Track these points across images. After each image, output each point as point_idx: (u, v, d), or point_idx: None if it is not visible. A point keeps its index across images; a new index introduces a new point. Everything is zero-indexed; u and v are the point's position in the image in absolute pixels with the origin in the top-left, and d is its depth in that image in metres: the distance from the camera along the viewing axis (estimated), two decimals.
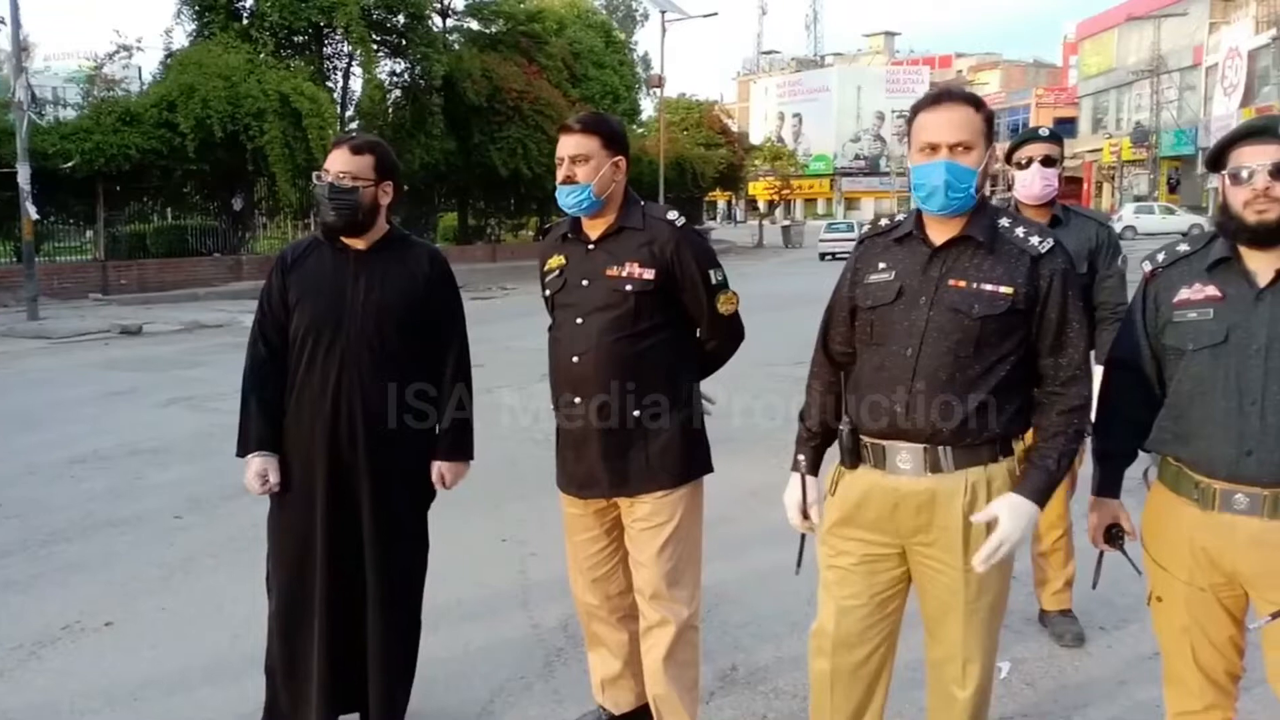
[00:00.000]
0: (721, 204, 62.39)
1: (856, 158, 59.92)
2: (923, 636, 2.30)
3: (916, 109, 2.10)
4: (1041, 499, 2.07)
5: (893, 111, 58.88)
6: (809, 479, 2.33)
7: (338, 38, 23.41)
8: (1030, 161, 3.33)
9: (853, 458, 2.19)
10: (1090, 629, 3.58)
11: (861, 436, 2.17)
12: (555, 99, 26.34)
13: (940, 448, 2.07)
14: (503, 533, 4.76)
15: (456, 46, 26.64)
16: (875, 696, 2.28)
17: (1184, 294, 2.08)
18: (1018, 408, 2.10)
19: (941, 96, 2.07)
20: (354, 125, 24.37)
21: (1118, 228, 31.78)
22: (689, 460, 2.56)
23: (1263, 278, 1.99)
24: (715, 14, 31.97)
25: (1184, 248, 2.16)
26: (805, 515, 2.33)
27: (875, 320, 2.14)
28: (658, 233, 2.53)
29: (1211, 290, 2.04)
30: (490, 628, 3.71)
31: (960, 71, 67.07)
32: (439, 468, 2.72)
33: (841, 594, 2.23)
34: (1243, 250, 2.02)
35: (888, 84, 59.99)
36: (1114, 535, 2.23)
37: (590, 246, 2.57)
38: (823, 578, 2.29)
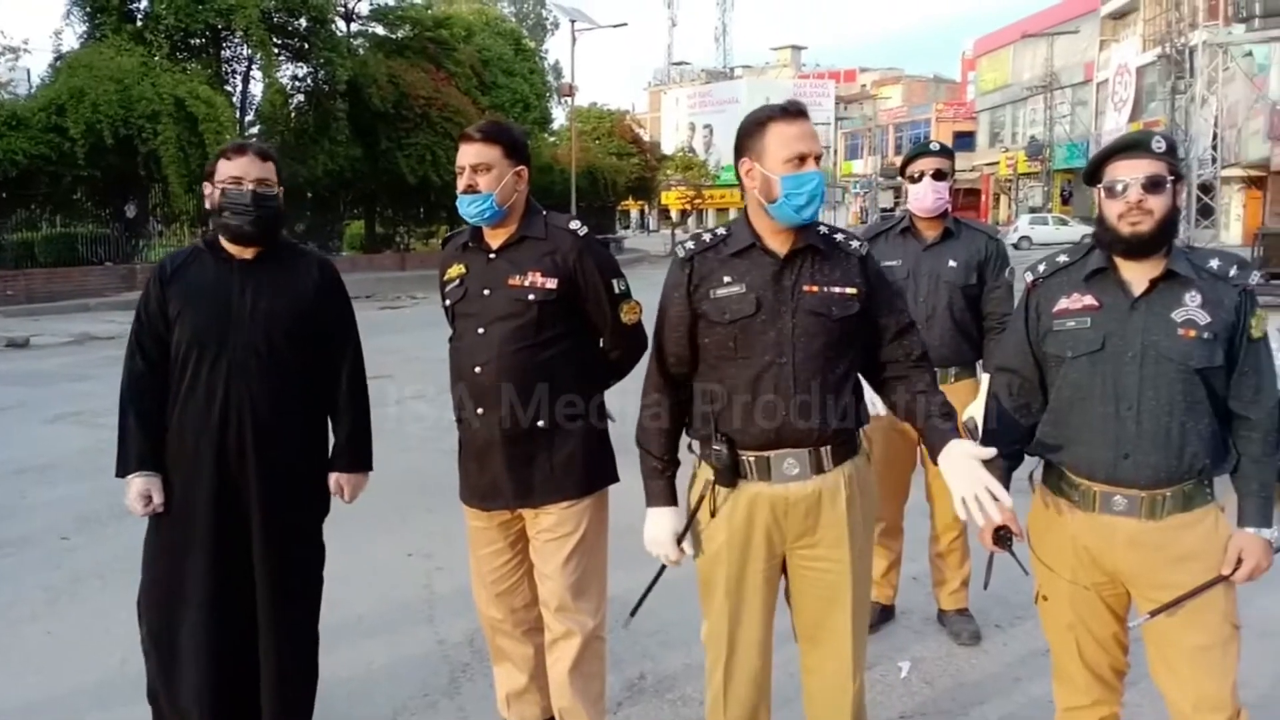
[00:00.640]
0: (634, 213, 62.70)
1: None
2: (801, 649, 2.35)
3: (766, 120, 2.11)
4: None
5: None
6: (673, 510, 2.29)
7: (236, 41, 22.76)
8: (922, 175, 3.44)
9: (732, 475, 2.17)
10: (986, 627, 3.69)
11: (740, 452, 2.17)
12: (464, 106, 26.08)
13: (822, 448, 2.14)
14: (409, 547, 4.68)
15: (361, 51, 26.18)
16: (766, 701, 2.33)
17: (1063, 303, 2.16)
18: (859, 400, 2.22)
19: (798, 109, 2.13)
20: (254, 130, 23.72)
21: (1014, 238, 33.10)
22: (594, 470, 2.56)
23: (1137, 287, 2.08)
24: (625, 24, 32.48)
25: (1063, 259, 2.24)
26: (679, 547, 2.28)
27: (738, 334, 2.14)
28: (560, 242, 2.53)
29: (1089, 300, 2.13)
30: (394, 645, 3.64)
31: (864, 85, 68.73)
32: (337, 479, 2.66)
33: (738, 614, 2.24)
34: (1118, 261, 2.11)
35: (795, 96, 61.08)
36: (1002, 537, 2.29)
37: (492, 255, 2.55)
38: (720, 606, 2.26)
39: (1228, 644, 2.09)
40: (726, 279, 2.17)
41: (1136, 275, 2.09)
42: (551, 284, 2.47)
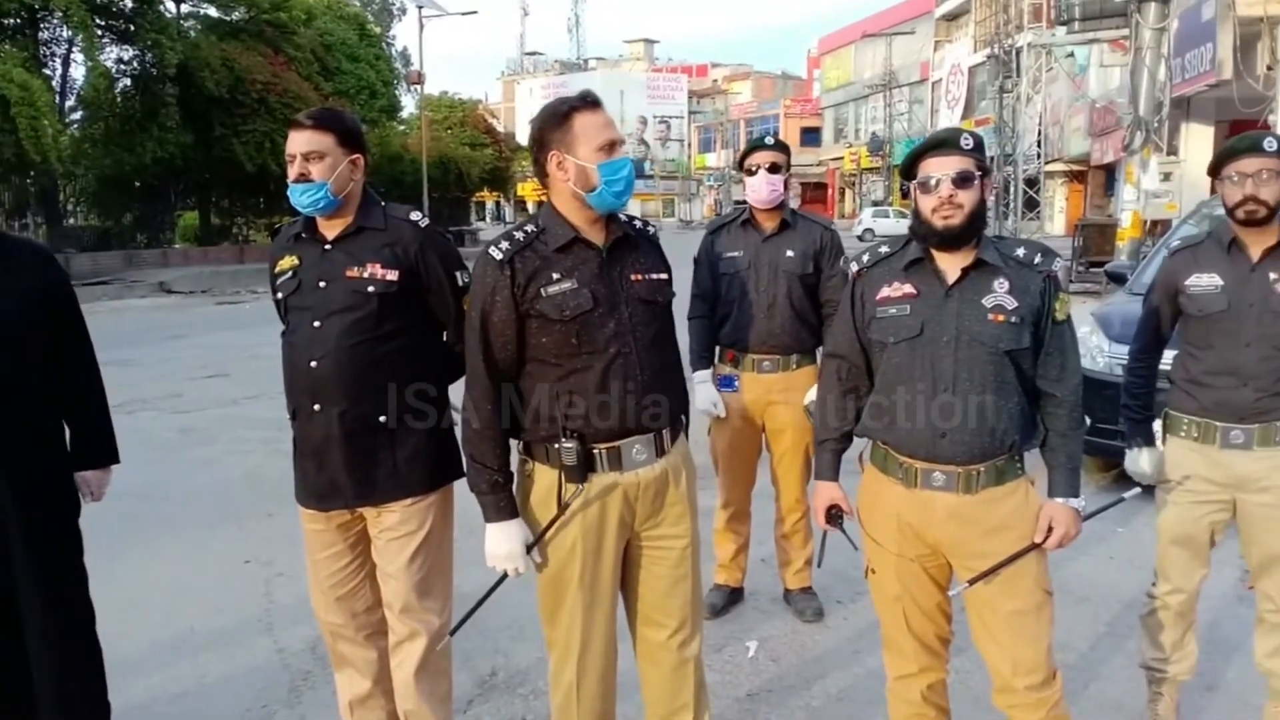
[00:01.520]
0: (490, 204, 61.92)
1: None
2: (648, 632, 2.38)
3: (570, 112, 2.13)
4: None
5: (654, 117, 60.69)
6: (519, 521, 2.25)
7: (56, 21, 21.28)
8: (758, 169, 3.53)
9: (584, 470, 2.17)
10: (829, 603, 3.82)
11: (592, 445, 2.18)
12: (305, 92, 25.14)
13: (664, 431, 2.23)
14: (246, 553, 4.47)
15: (193, 34, 24.88)
16: (614, 696, 2.36)
17: (885, 292, 2.25)
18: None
19: (596, 99, 2.18)
20: (76, 115, 22.23)
21: (859, 230, 34.47)
22: (439, 466, 2.50)
23: (951, 277, 2.19)
24: (474, 12, 31.62)
25: (885, 249, 2.34)
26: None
27: (579, 329, 2.14)
28: (401, 233, 2.45)
29: (908, 288, 2.22)
30: (230, 656, 3.48)
31: (715, 81, 70.07)
32: (83, 477, 2.53)
33: (599, 615, 2.27)
34: (934, 251, 2.21)
35: (649, 90, 61.73)
36: (834, 515, 2.39)
37: (327, 247, 2.46)
38: (573, 603, 2.26)
39: (1041, 609, 2.23)
40: (556, 276, 2.15)
41: (950, 264, 2.19)
42: (392, 276, 2.40)
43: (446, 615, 2.57)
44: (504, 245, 2.16)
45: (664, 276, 2.26)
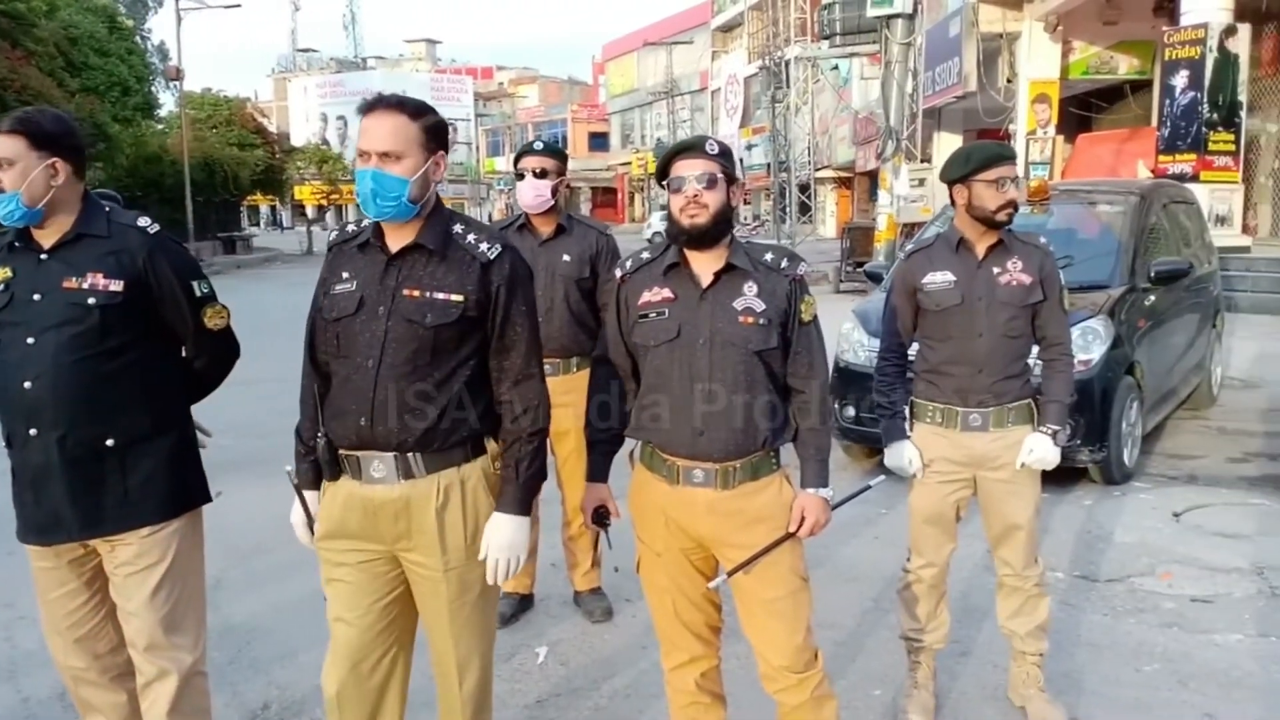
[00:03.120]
0: (265, 208, 58.80)
1: None
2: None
3: (361, 115, 2.08)
4: (522, 508, 2.16)
5: None
6: (308, 494, 2.24)
7: None
8: (526, 174, 3.52)
9: (333, 469, 2.16)
10: (618, 602, 3.86)
11: (338, 449, 2.14)
12: (47, 89, 22.87)
13: (411, 454, 2.09)
14: None
15: None
16: (385, 708, 2.23)
17: (646, 296, 2.30)
18: (485, 408, 2.16)
19: (375, 104, 2.07)
20: None
21: (649, 233, 35.26)
22: (180, 491, 2.32)
23: (705, 280, 2.26)
24: (238, 5, 29.82)
25: (646, 255, 2.39)
26: (312, 531, 2.25)
27: (340, 332, 2.10)
28: (127, 241, 2.26)
29: (666, 292, 2.28)
30: None
31: (502, 84, 69.73)
32: None
33: (340, 610, 2.18)
34: (689, 255, 2.28)
35: (433, 91, 60.41)
36: (600, 516, 2.42)
37: (43, 256, 2.23)
38: (330, 598, 2.21)
39: (798, 595, 2.33)
40: (345, 274, 2.13)
41: (704, 268, 2.27)
42: (116, 286, 2.20)
43: (200, 649, 2.39)
44: (334, 235, 2.20)
45: (451, 297, 2.06)
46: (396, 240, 2.10)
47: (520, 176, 3.55)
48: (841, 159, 32.76)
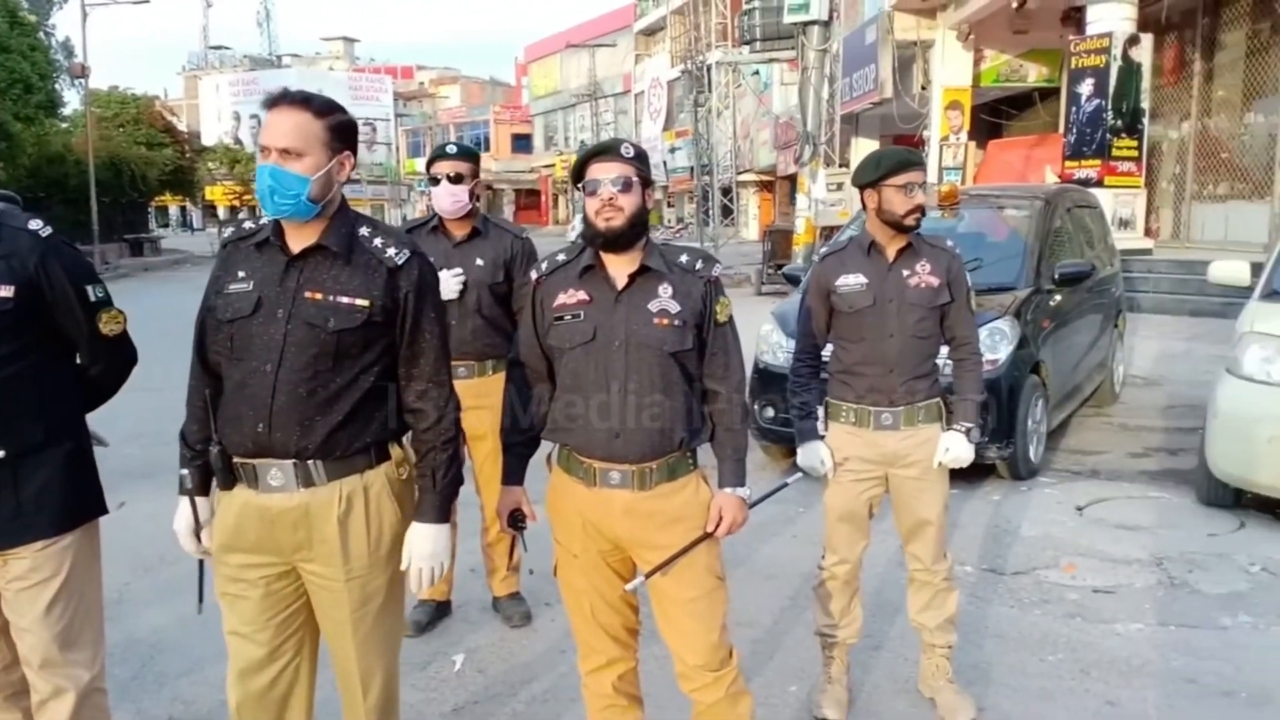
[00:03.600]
0: (175, 209, 57.05)
1: None
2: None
3: (266, 109, 2.04)
4: (442, 516, 2.14)
5: (359, 118, 58.41)
6: (198, 500, 2.18)
7: None
8: (441, 178, 3.48)
9: (227, 478, 2.09)
10: (537, 607, 3.84)
11: (232, 457, 2.08)
12: None
13: (311, 462, 2.04)
14: None
15: None
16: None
17: (561, 299, 2.30)
18: (389, 414, 2.12)
19: (279, 99, 2.02)
20: None
21: (572, 235, 35.15)
22: (76, 502, 2.23)
23: (620, 282, 2.27)
24: (147, 0, 28.92)
25: (562, 257, 2.38)
26: (199, 539, 2.19)
27: (235, 334, 2.04)
28: (17, 245, 2.16)
29: (582, 295, 2.28)
30: None
31: (422, 83, 68.73)
32: None
33: (236, 625, 2.13)
34: (605, 257, 2.28)
35: (351, 90, 59.28)
36: (516, 519, 2.41)
37: None
38: (226, 608, 2.15)
39: (713, 594, 2.35)
40: (240, 274, 2.06)
41: (619, 270, 2.27)
42: (6, 292, 2.10)
43: (99, 665, 2.31)
44: (230, 232, 2.11)
45: (355, 302, 2.00)
46: (298, 241, 2.05)
47: (435, 181, 3.51)
48: (763, 163, 33.15)
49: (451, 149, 3.58)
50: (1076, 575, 4.19)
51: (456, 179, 3.49)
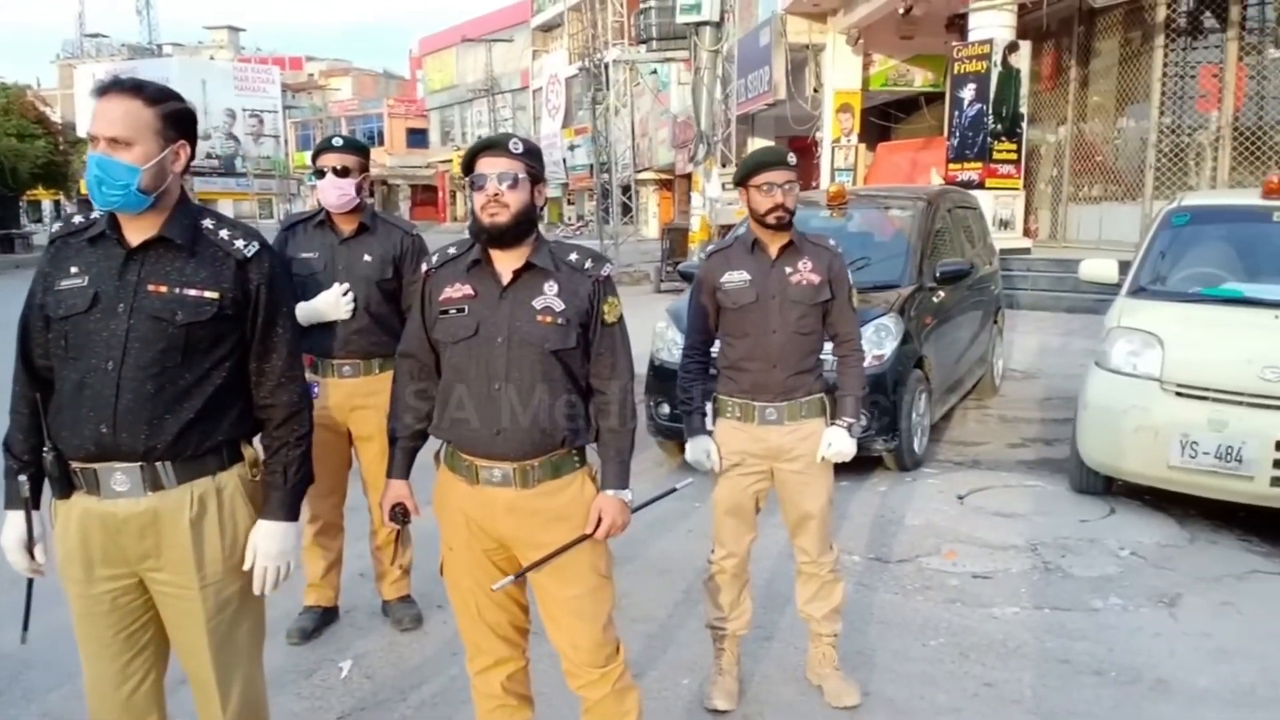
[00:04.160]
0: (49, 204, 54.15)
1: (209, 156, 56.47)
2: None
3: (92, 95, 1.95)
4: (292, 514, 2.09)
5: (245, 110, 56.63)
6: (32, 513, 2.05)
7: None
8: (327, 171, 3.39)
9: (63, 486, 1.99)
10: (429, 609, 3.78)
11: (70, 462, 1.97)
12: None
13: (159, 464, 1.96)
14: None
15: None
16: None
17: (447, 293, 2.27)
18: (241, 412, 2.07)
19: (109, 86, 1.94)
20: None
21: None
22: None
23: (505, 278, 2.25)
24: None
25: (453, 250, 2.35)
26: (32, 555, 2.07)
27: (70, 331, 1.95)
28: None
29: (468, 289, 2.26)
30: None
31: (312, 75, 66.91)
32: None
33: (83, 641, 2.05)
34: (492, 253, 2.26)
35: (237, 81, 57.40)
36: (396, 514, 2.37)
37: None
38: (77, 626, 2.07)
39: (597, 592, 2.35)
40: (74, 269, 1.96)
41: (505, 266, 2.25)
42: None
43: None
44: (58, 227, 2.01)
45: (204, 294, 1.94)
46: (137, 233, 1.96)
47: (320, 174, 3.42)
48: (662, 161, 33.36)
49: (338, 141, 3.49)
50: (957, 562, 4.34)
51: (343, 172, 3.40)
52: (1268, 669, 3.35)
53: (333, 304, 3.39)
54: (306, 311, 3.33)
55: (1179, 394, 4.56)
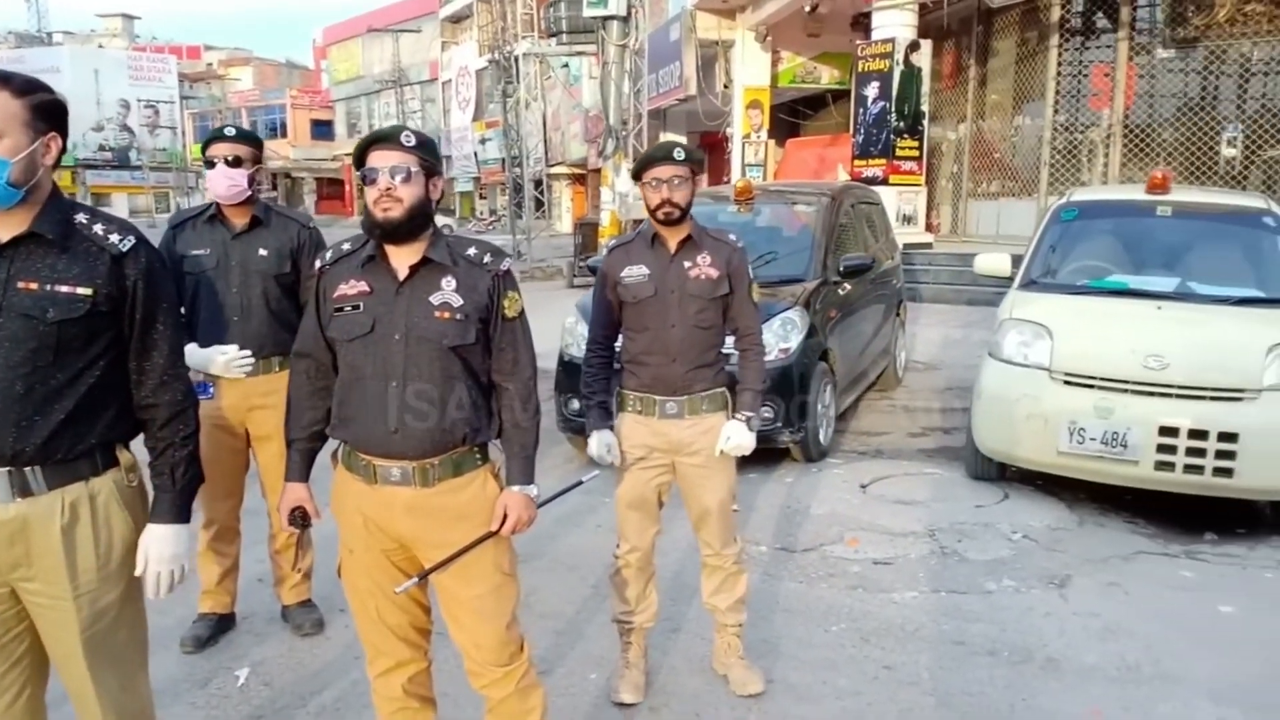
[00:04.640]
0: None
1: (101, 148, 54.18)
2: None
3: None
4: (183, 516, 2.03)
5: (139, 101, 54.49)
6: None
7: None
8: (218, 161, 3.29)
9: None
10: (330, 613, 3.70)
11: None
12: None
13: (28, 469, 1.88)
14: None
15: None
16: None
17: (342, 289, 2.22)
18: (116, 414, 1.99)
19: None
20: None
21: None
22: None
23: (402, 273, 2.21)
24: None
25: (347, 246, 2.30)
26: None
27: None
28: None
29: (363, 286, 2.21)
30: None
31: (211, 64, 64.72)
32: None
33: None
34: (387, 249, 2.21)
35: (131, 70, 55.15)
36: (296, 517, 2.32)
37: None
38: None
39: (500, 590, 2.33)
40: None
41: (401, 262, 2.21)
42: None
43: None
44: None
45: (77, 291, 1.87)
46: (6, 229, 1.87)
47: (210, 164, 3.31)
48: (574, 155, 33.26)
49: (230, 130, 3.38)
50: (859, 549, 4.44)
51: (234, 162, 3.30)
52: (1151, 646, 3.52)
53: (222, 366, 3.29)
54: (197, 358, 3.22)
55: (1067, 382, 4.75)
